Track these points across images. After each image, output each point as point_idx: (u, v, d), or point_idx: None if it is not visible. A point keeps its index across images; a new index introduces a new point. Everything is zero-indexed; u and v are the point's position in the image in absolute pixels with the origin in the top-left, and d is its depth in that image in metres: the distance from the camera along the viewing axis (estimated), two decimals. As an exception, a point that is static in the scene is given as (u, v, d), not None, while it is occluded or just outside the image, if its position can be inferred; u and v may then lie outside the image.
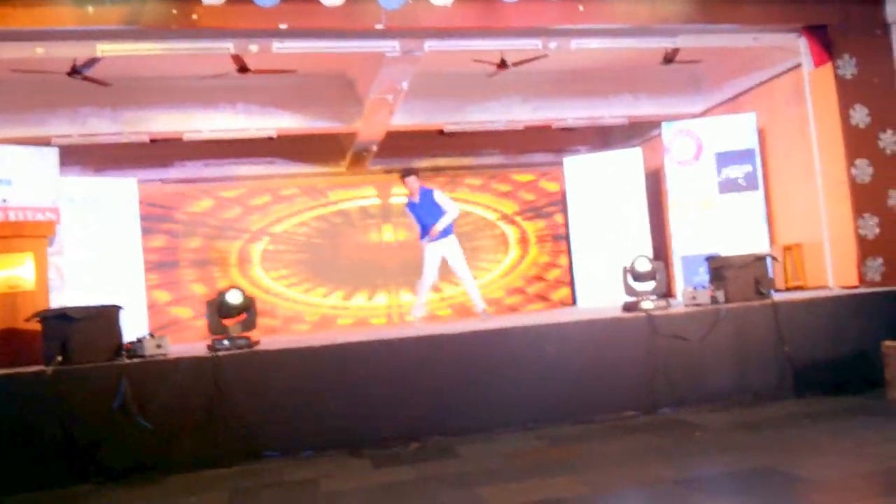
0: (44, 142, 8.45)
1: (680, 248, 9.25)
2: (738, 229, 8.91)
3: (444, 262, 7.76)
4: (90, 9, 6.01)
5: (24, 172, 7.53)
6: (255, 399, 4.99)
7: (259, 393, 5.02)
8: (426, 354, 5.35)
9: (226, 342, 5.33)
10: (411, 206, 7.81)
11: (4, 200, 7.32)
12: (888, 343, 5.46)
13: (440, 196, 7.72)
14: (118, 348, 5.19)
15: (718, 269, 6.27)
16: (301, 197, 10.83)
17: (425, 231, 7.64)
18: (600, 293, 9.68)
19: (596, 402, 5.47)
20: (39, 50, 6.61)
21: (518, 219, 11.43)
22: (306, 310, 10.57)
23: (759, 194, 8.98)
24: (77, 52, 7.06)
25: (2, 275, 5.63)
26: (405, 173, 7.86)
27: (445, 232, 7.63)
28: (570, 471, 4.04)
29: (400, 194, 10.74)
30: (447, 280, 8.84)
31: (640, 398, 5.54)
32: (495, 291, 11.15)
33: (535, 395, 5.37)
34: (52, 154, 7.82)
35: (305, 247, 10.72)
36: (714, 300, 6.00)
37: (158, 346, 5.17)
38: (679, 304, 6.51)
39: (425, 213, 7.66)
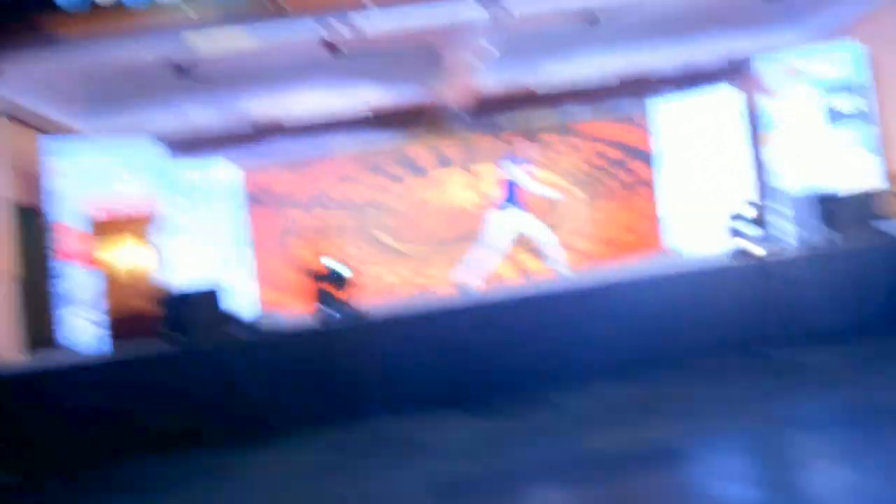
0: (150, 133, 8.90)
1: (787, 186, 8.80)
2: (850, 164, 8.40)
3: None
4: (189, 8, 6.25)
5: (131, 163, 7.95)
6: (361, 363, 5.16)
7: (365, 357, 5.18)
8: (525, 312, 5.37)
9: (332, 311, 5.52)
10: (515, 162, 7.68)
11: (117, 191, 7.76)
12: None
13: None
14: (232, 324, 5.47)
15: (831, 207, 5.95)
16: (396, 167, 10.95)
17: (511, 197, 7.56)
18: (701, 239, 9.36)
19: (704, 347, 5.34)
20: (144, 48, 6.95)
21: (610, 168, 11.15)
22: (401, 278, 10.74)
23: (871, 126, 8.42)
24: (179, 48, 7.39)
25: (120, 260, 6.01)
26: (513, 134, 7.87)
27: (523, 203, 7.58)
28: (677, 415, 3.99)
29: (488, 160, 10.70)
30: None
31: (751, 342, 5.36)
32: (590, 244, 10.96)
33: (638, 343, 5.31)
34: (154, 144, 8.21)
35: (401, 216, 10.85)
36: (827, 239, 5.71)
37: (269, 321, 5.41)
38: (790, 246, 6.24)
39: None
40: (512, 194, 7.59)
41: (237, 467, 4.37)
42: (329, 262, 5.80)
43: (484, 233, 7.62)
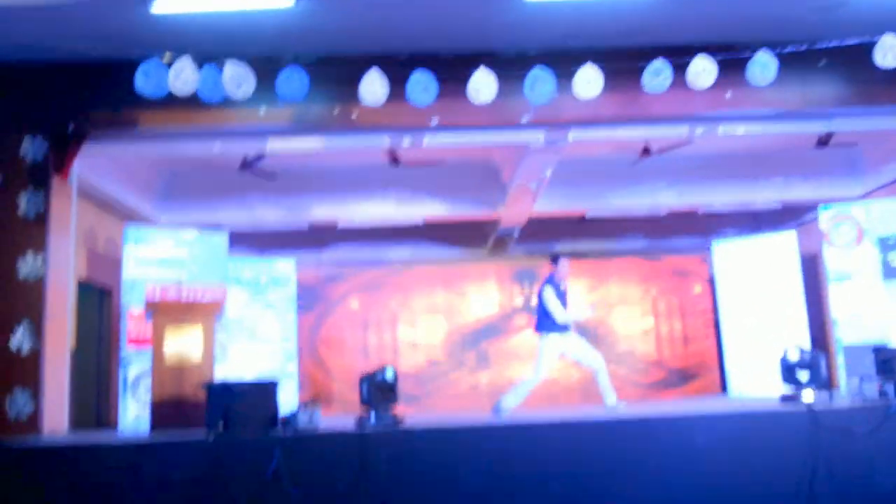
0: (215, 226, 9.25)
1: (842, 337, 8.67)
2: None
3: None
4: (262, 110, 6.63)
5: (197, 254, 8.23)
6: (398, 476, 5.09)
7: (402, 470, 5.11)
8: (569, 441, 5.28)
9: (373, 419, 5.51)
10: (559, 293, 7.31)
11: (180, 280, 8.01)
12: None
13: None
14: (274, 419, 5.49)
15: (887, 361, 5.84)
16: (442, 281, 11.08)
17: (553, 321, 7.18)
18: (752, 382, 9.19)
19: (752, 501, 5.15)
20: (216, 146, 7.34)
21: (664, 305, 11.13)
22: (440, 390, 10.68)
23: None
24: (248, 147, 7.79)
25: (173, 347, 6.13)
26: (558, 255, 7.56)
27: (565, 327, 7.20)
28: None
29: (535, 281, 10.81)
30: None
31: (801, 497, 5.17)
32: (639, 377, 10.82)
33: (682, 490, 5.14)
34: (221, 237, 8.51)
35: (443, 332, 10.89)
36: (882, 394, 5.58)
37: (310, 420, 5.42)
38: (842, 396, 6.10)
39: (564, 303, 7.28)
40: (550, 317, 7.20)
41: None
42: (380, 368, 5.83)
43: (536, 356, 7.27)
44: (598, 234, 11.51)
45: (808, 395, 5.62)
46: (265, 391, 5.64)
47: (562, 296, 7.32)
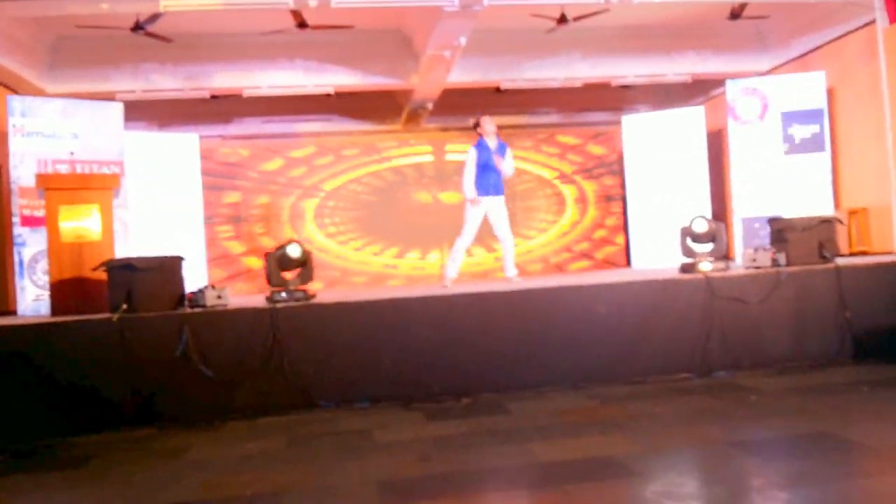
0: (108, 97, 8.67)
1: (740, 209, 9.04)
2: (802, 191, 8.66)
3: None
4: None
5: (91, 127, 7.72)
6: (311, 350, 5.11)
7: (315, 344, 5.13)
8: (479, 312, 5.38)
9: (283, 294, 5.46)
10: (482, 148, 7.13)
11: (72, 153, 7.54)
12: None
13: (510, 154, 7.25)
14: (181, 298, 5.38)
15: (781, 231, 6.12)
16: (356, 154, 10.86)
17: (482, 182, 7.10)
18: (656, 255, 9.56)
19: (649, 364, 5.44)
20: (105, 6, 6.77)
21: (576, 178, 11.29)
22: (358, 267, 10.68)
23: (826, 156, 8.69)
24: (140, 7, 7.20)
25: (70, 225, 5.83)
26: (477, 120, 7.31)
27: (498, 190, 7.17)
28: (621, 430, 4.05)
29: (454, 151, 10.73)
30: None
31: (695, 361, 5.49)
32: (549, 252, 11.10)
33: (587, 355, 5.38)
34: (116, 109, 7.99)
35: (359, 204, 10.79)
36: (775, 262, 5.87)
37: (219, 297, 5.32)
38: (738, 266, 6.39)
39: (491, 163, 7.12)
40: (483, 179, 7.11)
41: (179, 448, 4.28)
42: (285, 244, 5.72)
43: (464, 224, 7.19)
44: (512, 107, 11.41)
45: (705, 265, 5.85)
46: (170, 268, 5.48)
47: (489, 155, 7.12)
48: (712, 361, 5.49)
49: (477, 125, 7.32)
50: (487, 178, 7.14)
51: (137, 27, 8.01)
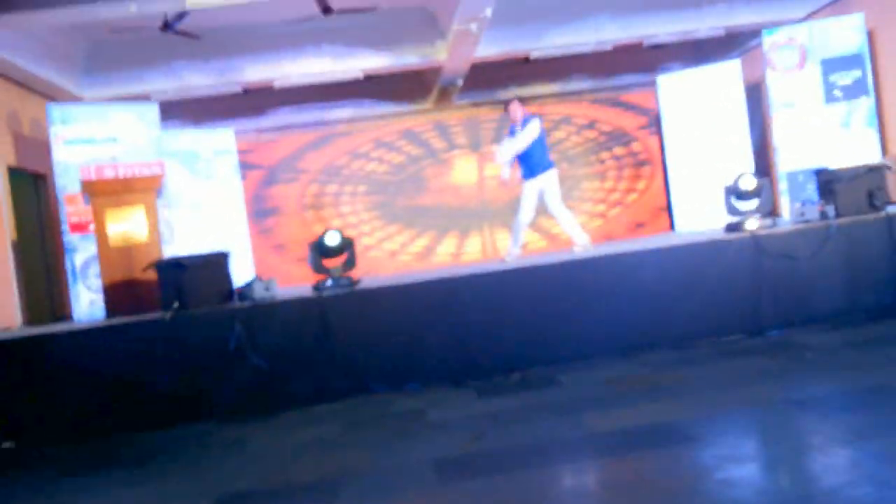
0: (143, 97, 8.80)
1: (785, 163, 8.82)
2: (848, 140, 8.41)
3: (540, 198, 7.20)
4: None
5: (129, 129, 7.85)
6: (360, 336, 5.16)
7: (364, 330, 5.18)
8: (524, 286, 5.37)
9: (329, 282, 5.52)
10: (513, 133, 7.13)
11: (114, 158, 7.68)
12: None
13: (538, 124, 7.07)
14: (230, 293, 5.47)
15: (828, 182, 5.96)
16: (390, 137, 10.87)
17: (525, 163, 7.07)
18: (700, 216, 9.39)
19: (698, 327, 5.38)
20: (133, 7, 6.84)
21: (612, 144, 11.15)
22: (399, 251, 10.73)
23: (870, 101, 8.42)
24: (167, 6, 7.26)
25: (117, 229, 5.95)
26: (508, 101, 7.30)
27: (545, 166, 7.08)
28: (675, 395, 4.02)
29: (489, 127, 10.68)
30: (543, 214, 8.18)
31: (746, 321, 5.40)
32: (591, 219, 11.01)
33: (636, 322, 5.33)
34: (152, 110, 8.11)
35: (395, 188, 10.80)
36: (824, 215, 5.73)
37: (267, 289, 5.40)
38: (786, 222, 6.26)
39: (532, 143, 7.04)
40: (525, 161, 7.08)
41: (238, 440, 4.38)
42: (325, 232, 5.77)
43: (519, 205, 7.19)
44: (543, 77, 11.29)
45: (751, 223, 5.73)
46: (217, 264, 5.57)
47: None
48: (764, 320, 5.40)
49: (507, 107, 7.27)
50: (530, 158, 7.06)
51: (166, 26, 8.09)
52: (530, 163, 7.10)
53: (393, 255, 10.67)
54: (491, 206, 10.76)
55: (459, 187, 10.88)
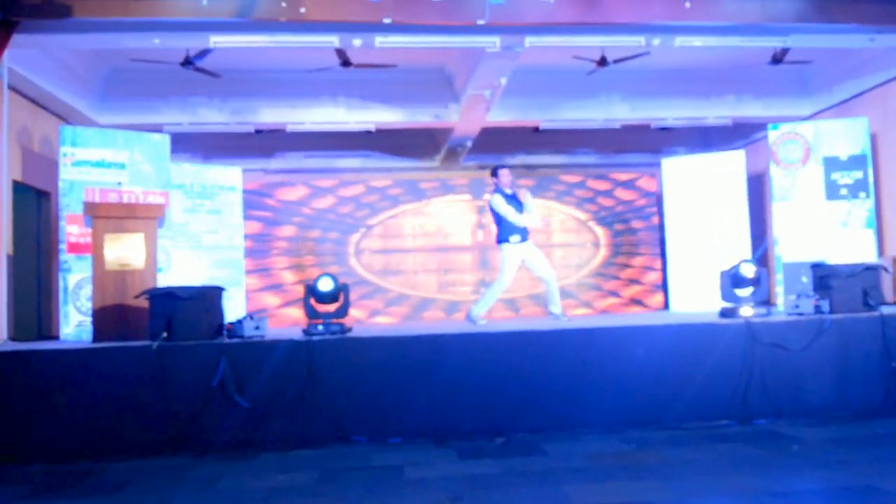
0: (156, 128, 8.90)
1: (783, 254, 8.90)
2: (846, 238, 8.51)
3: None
4: (204, 1, 6.28)
5: (138, 157, 7.92)
6: (345, 384, 5.11)
7: (350, 378, 5.13)
8: (515, 350, 5.34)
9: (320, 327, 5.49)
10: (508, 197, 7.15)
11: (120, 183, 7.73)
12: None
13: (530, 198, 7.21)
14: (219, 328, 5.43)
15: (824, 277, 6.01)
16: (395, 190, 10.97)
17: (509, 230, 7.07)
18: (695, 299, 9.42)
19: (687, 409, 5.33)
20: (156, 41, 6.98)
21: (611, 220, 11.25)
22: (398, 300, 10.73)
23: (870, 202, 8.55)
24: (190, 42, 7.42)
25: (114, 253, 5.94)
26: (497, 167, 7.38)
27: (525, 234, 7.11)
28: (657, 475, 3.97)
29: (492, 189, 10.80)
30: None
31: (734, 407, 5.37)
32: (584, 292, 11.03)
33: (624, 398, 5.28)
34: (163, 140, 8.19)
35: (397, 241, 10.86)
36: (818, 309, 5.75)
37: (257, 328, 5.37)
38: (780, 312, 6.27)
39: (517, 209, 7.14)
40: (509, 226, 7.08)
41: (212, 479, 4.29)
42: (320, 277, 5.77)
43: (501, 265, 7.17)
44: (550, 147, 11.47)
45: (746, 310, 5.75)
46: (210, 298, 5.55)
47: (512, 201, 7.16)
48: (753, 409, 5.37)
49: (495, 173, 7.31)
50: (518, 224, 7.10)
51: (187, 62, 8.25)
52: (516, 230, 7.09)
53: (387, 306, 10.66)
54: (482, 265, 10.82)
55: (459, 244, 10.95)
